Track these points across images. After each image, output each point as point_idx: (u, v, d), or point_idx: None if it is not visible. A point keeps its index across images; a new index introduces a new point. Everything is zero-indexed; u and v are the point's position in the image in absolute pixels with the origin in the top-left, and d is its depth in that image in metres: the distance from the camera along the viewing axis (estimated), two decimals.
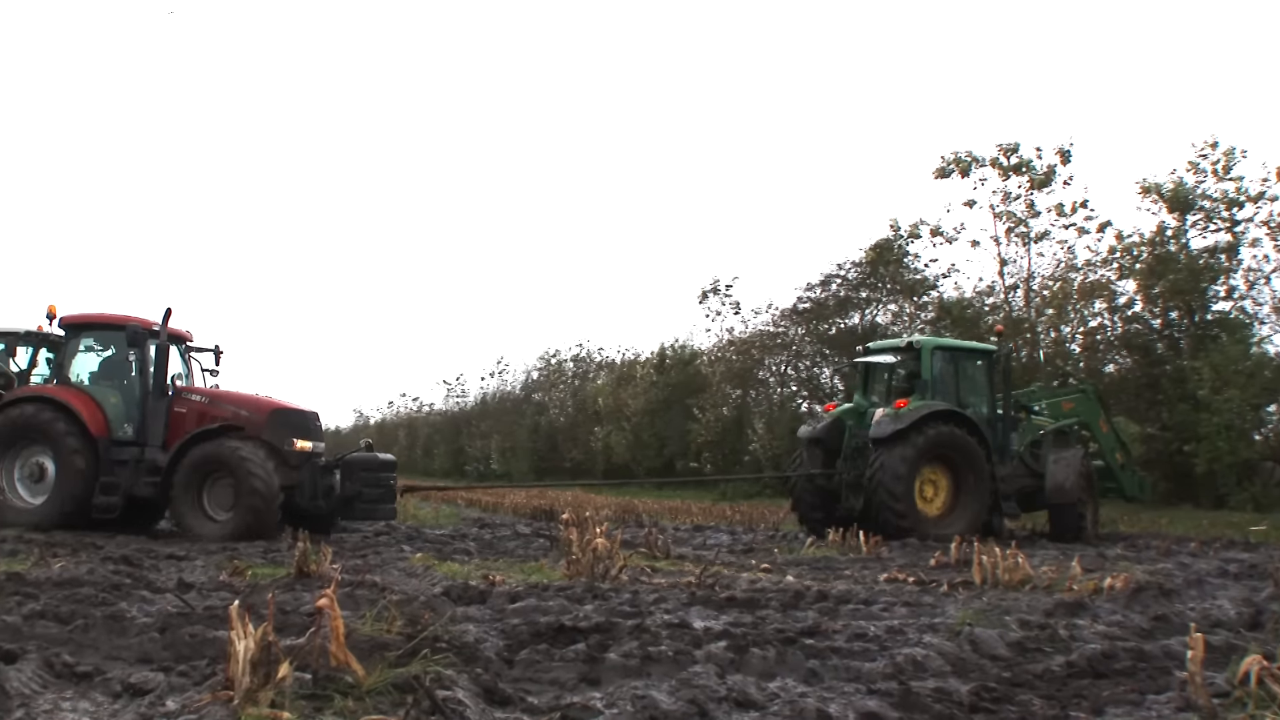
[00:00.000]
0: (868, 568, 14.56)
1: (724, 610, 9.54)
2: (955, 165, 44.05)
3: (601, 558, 12.03)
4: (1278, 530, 24.34)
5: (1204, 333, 37.84)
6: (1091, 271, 41.59)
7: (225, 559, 13.48)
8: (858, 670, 6.81)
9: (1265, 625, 8.94)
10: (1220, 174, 38.52)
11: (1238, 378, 33.55)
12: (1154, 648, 7.79)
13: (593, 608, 9.29)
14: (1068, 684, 6.78)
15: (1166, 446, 35.89)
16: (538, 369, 74.53)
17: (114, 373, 20.01)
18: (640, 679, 6.39)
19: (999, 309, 44.37)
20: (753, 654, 7.00)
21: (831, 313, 49.54)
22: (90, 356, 20.34)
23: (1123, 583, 11.45)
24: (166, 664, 6.30)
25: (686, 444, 53.44)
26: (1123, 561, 15.89)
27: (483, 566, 13.52)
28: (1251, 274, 38.36)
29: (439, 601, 9.27)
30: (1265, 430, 36.74)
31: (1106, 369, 41.36)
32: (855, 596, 10.62)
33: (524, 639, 7.58)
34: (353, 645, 5.89)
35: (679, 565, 14.53)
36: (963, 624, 8.40)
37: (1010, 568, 12.26)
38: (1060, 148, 43.02)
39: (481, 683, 5.76)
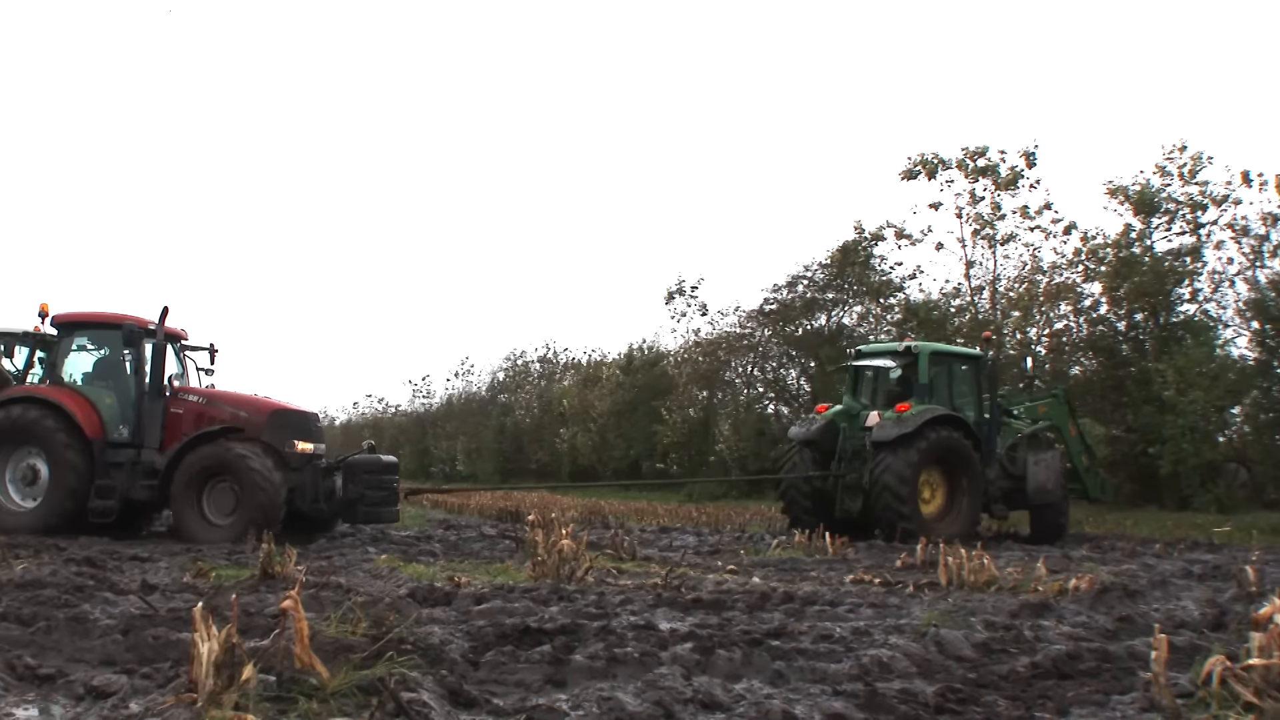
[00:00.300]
0: (834, 569, 14.60)
1: (690, 612, 9.55)
2: (922, 167, 44.11)
3: (567, 559, 12.04)
4: (1241, 531, 24.48)
5: (1169, 335, 38.01)
6: (1057, 274, 41.76)
7: (189, 560, 13.42)
8: (823, 671, 6.83)
9: (1229, 626, 9.00)
10: (1187, 177, 38.76)
11: (1202, 380, 33.71)
12: (1118, 648, 7.84)
13: (558, 609, 9.29)
14: (1033, 685, 6.81)
15: (1131, 448, 36.04)
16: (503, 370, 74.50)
17: (109, 373, 19.66)
18: (606, 681, 6.40)
19: (965, 311, 44.49)
20: (719, 655, 7.02)
21: (798, 314, 49.55)
22: (84, 356, 20.03)
23: (1088, 584, 11.52)
24: (130, 666, 6.28)
25: (653, 445, 53.42)
26: (1088, 563, 15.96)
27: (448, 568, 13.50)
28: (1216, 277, 38.63)
29: (404, 603, 9.26)
30: (1229, 432, 36.97)
31: (1072, 371, 41.52)
32: (821, 598, 10.65)
33: (489, 641, 7.58)
34: (317, 647, 5.88)
35: (645, 566, 14.55)
36: (928, 625, 8.43)
37: (976, 569, 12.32)
38: (1025, 150, 43.16)
39: (447, 685, 5.75)
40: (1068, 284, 41.00)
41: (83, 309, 19.69)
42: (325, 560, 14.01)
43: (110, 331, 19.49)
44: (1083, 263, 40.87)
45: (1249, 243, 37.66)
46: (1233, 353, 37.35)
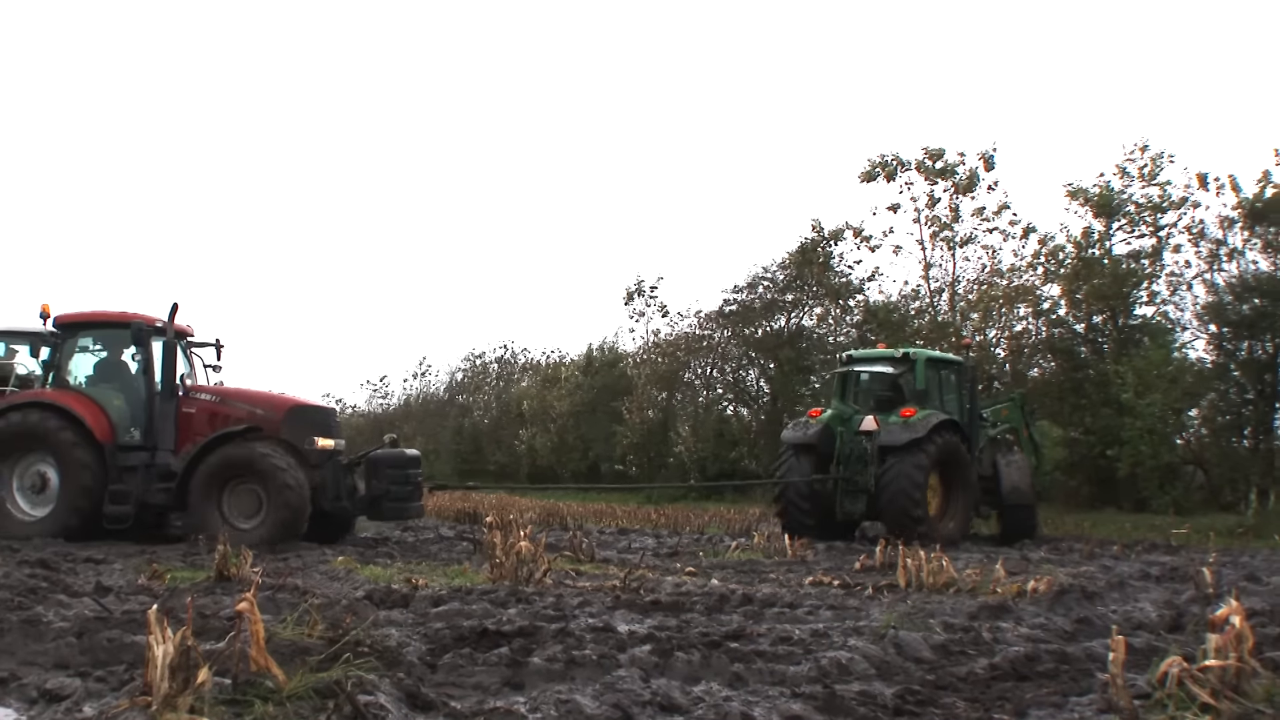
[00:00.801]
0: (793, 571, 14.64)
1: (649, 614, 9.56)
2: (881, 169, 44.19)
3: (525, 561, 12.03)
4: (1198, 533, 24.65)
5: (1127, 337, 38.25)
6: (1016, 276, 41.94)
7: (144, 562, 13.34)
8: (782, 674, 6.85)
9: (1186, 627, 9.08)
10: (1147, 178, 39.00)
11: (1160, 382, 33.91)
12: (1076, 650, 7.89)
13: (516, 611, 9.29)
14: (991, 686, 6.85)
15: (1090, 450, 36.22)
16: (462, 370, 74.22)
17: (116, 374, 19.16)
18: (564, 683, 6.40)
19: (924, 313, 44.63)
20: (677, 658, 7.03)
21: (757, 315, 49.56)
22: (89, 357, 19.49)
23: (1046, 585, 11.58)
24: (84, 669, 6.25)
25: (612, 446, 53.39)
26: (1046, 564, 16.06)
27: (405, 570, 13.47)
28: (1174, 279, 38.88)
29: (361, 605, 9.23)
30: (1187, 434, 37.22)
31: (1031, 373, 41.70)
32: (780, 600, 10.68)
33: (447, 643, 7.57)
34: (273, 650, 5.86)
35: (603, 569, 14.55)
36: (887, 627, 8.46)
37: (935, 570, 12.37)
38: (983, 153, 43.31)
39: (404, 687, 5.75)
40: (1027, 286, 41.18)
41: (83, 309, 19.15)
42: (282, 562, 13.95)
43: (117, 331, 19.01)
44: (1042, 265, 41.07)
45: (1206, 246, 37.96)
46: (1190, 355, 37.68)
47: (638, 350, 55.75)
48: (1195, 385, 35.51)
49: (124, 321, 18.80)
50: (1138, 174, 39.15)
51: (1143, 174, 39.07)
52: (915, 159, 43.99)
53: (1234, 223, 37.05)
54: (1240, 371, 36.26)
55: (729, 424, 50.86)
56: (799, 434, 24.06)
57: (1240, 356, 36.31)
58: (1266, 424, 36.02)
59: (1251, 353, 36.03)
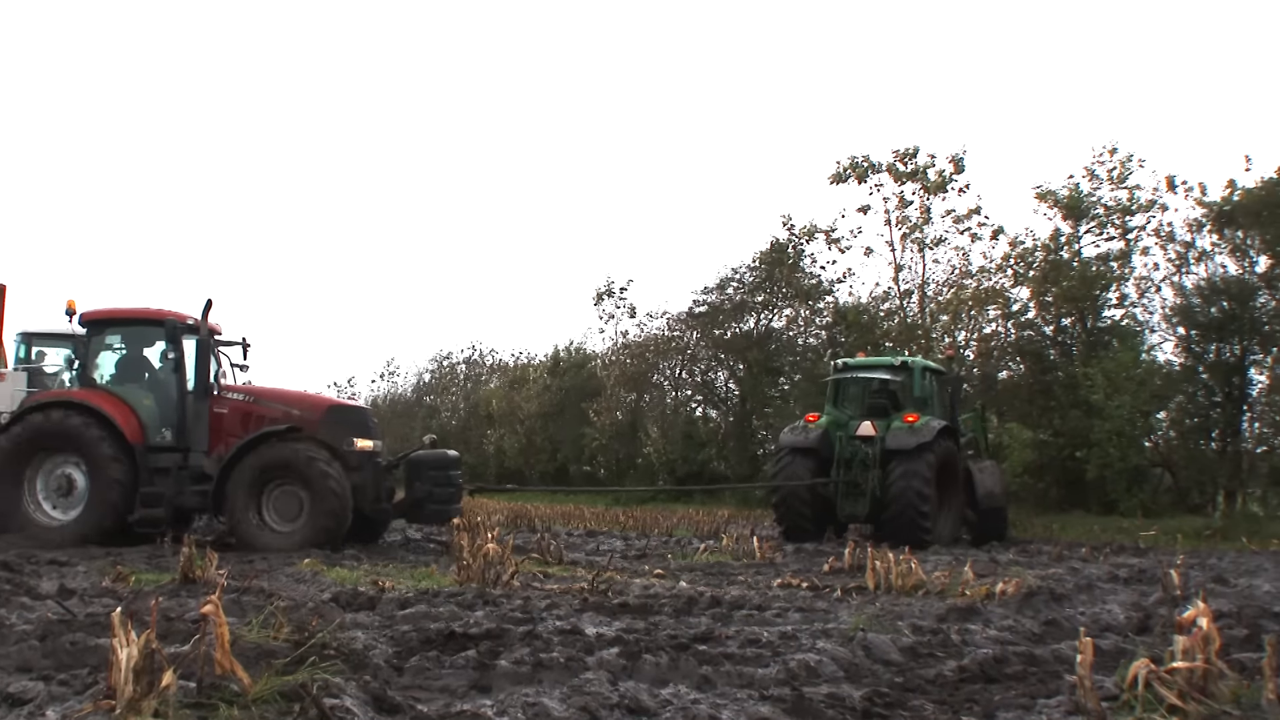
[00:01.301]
0: (761, 573, 14.65)
1: (616, 616, 9.56)
2: (852, 170, 44.18)
3: (493, 563, 12.02)
4: (1166, 535, 24.81)
5: (1096, 340, 38.42)
6: (986, 278, 42.07)
7: (108, 564, 13.27)
8: (751, 676, 6.86)
9: (1153, 629, 9.12)
10: (1116, 181, 39.19)
11: (1128, 384, 34.08)
12: (1044, 652, 7.92)
13: (484, 614, 9.28)
14: (959, 689, 6.87)
15: (1058, 452, 36.37)
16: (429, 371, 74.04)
17: (146, 373, 18.77)
18: (531, 686, 6.40)
19: (894, 315, 44.69)
20: (645, 660, 7.03)
21: (727, 317, 49.58)
22: (117, 355, 19.09)
23: (1014, 588, 11.62)
24: (47, 673, 6.20)
25: (580, 448, 53.36)
26: (1014, 566, 16.12)
27: (372, 572, 13.44)
28: (1143, 282, 39.10)
29: (327, 608, 9.20)
30: (1155, 437, 37.42)
31: (1000, 375, 41.85)
32: (749, 602, 10.70)
33: (414, 646, 7.56)
34: (238, 653, 5.84)
35: (571, 571, 14.55)
36: (856, 629, 8.48)
37: (903, 573, 12.40)
38: (954, 155, 43.37)
39: (370, 691, 5.73)
40: (996, 288, 41.31)
41: (108, 305, 18.66)
42: (247, 564, 13.89)
43: (148, 328, 18.57)
44: (1011, 267, 41.21)
45: (1175, 249, 38.18)
46: (1159, 358, 37.91)
47: (607, 351, 55.75)
48: (1163, 388, 35.75)
49: (157, 319, 18.33)
50: (1106, 177, 39.38)
51: (1111, 177, 39.30)
52: (886, 161, 44.03)
53: (1202, 226, 37.29)
54: (1208, 374, 36.48)
55: (698, 425, 50.89)
56: (799, 438, 24.42)
57: (1208, 359, 36.53)
58: (1234, 427, 36.26)
59: (1219, 355, 36.27)
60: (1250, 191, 35.37)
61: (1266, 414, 36.34)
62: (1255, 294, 35.49)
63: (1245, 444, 36.47)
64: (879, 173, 44.01)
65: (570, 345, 61.07)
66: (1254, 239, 35.91)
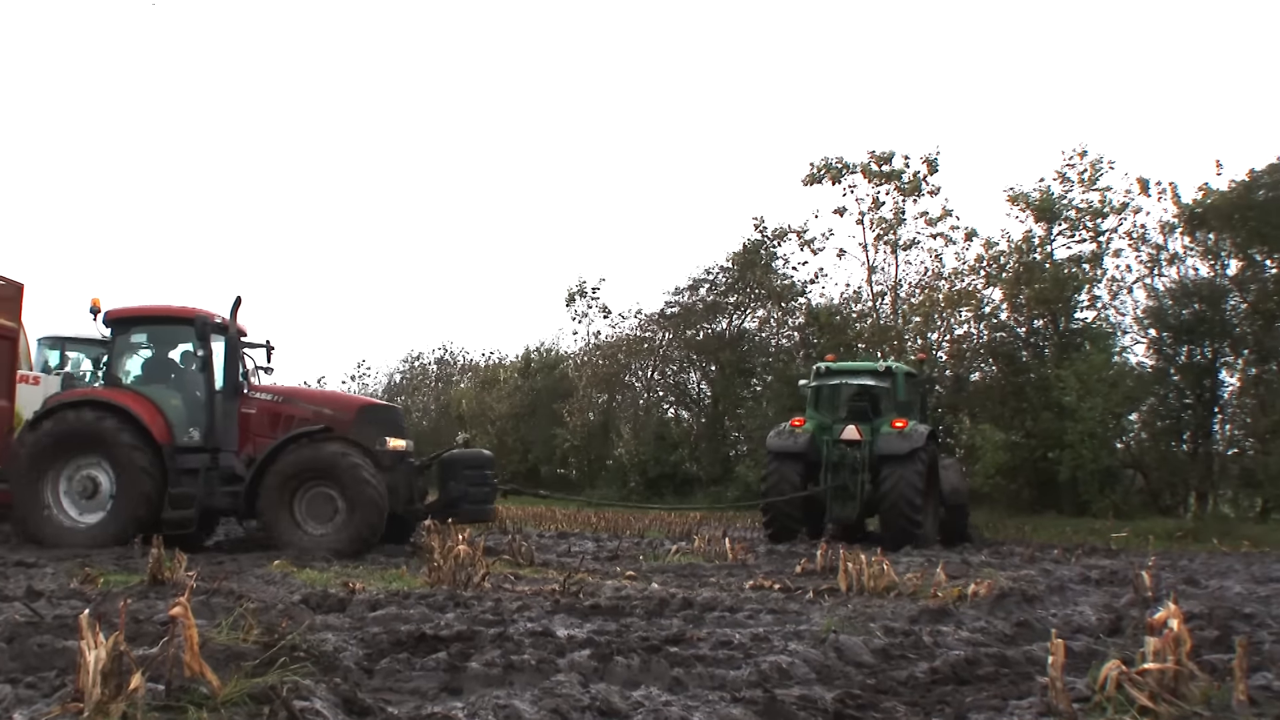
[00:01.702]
0: (733, 575, 14.66)
1: (588, 618, 9.56)
2: (826, 171, 44.18)
3: (464, 565, 11.99)
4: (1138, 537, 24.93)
5: (1068, 341, 38.57)
6: (958, 280, 42.18)
7: (76, 566, 13.20)
8: (722, 678, 6.86)
9: (1125, 630, 9.15)
10: (1087, 184, 39.36)
11: (1100, 386, 34.26)
12: (1016, 653, 7.95)
13: (454, 616, 9.26)
14: (931, 690, 6.89)
15: (1030, 454, 36.51)
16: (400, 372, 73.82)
17: (173, 371, 18.48)
18: (502, 688, 6.39)
19: (867, 316, 44.77)
20: (617, 662, 7.03)
21: (699, 318, 49.59)
22: (142, 354, 18.77)
23: (986, 589, 11.65)
24: (14, 675, 6.17)
25: (552, 449, 53.30)
26: (986, 568, 16.16)
27: (342, 573, 13.39)
28: (1114, 284, 39.31)
29: (297, 609, 9.17)
30: (1127, 438, 37.60)
31: (972, 377, 41.99)
32: (720, 604, 10.69)
33: (384, 648, 7.55)
34: (208, 655, 5.82)
35: (543, 572, 14.54)
36: (828, 631, 8.49)
37: (876, 574, 12.43)
38: (927, 156, 43.44)
39: (340, 693, 5.71)
40: (969, 290, 41.43)
41: (134, 304, 18.37)
42: (217, 565, 13.85)
43: (175, 327, 18.32)
44: (984, 269, 41.34)
45: (1147, 251, 38.40)
46: (1130, 360, 38.12)
47: (579, 352, 55.71)
48: (1135, 390, 35.94)
49: (185, 317, 18.06)
50: (1078, 179, 39.55)
51: (1083, 179, 39.47)
52: (861, 163, 44.05)
53: (1174, 228, 37.49)
54: (1180, 376, 36.72)
55: (669, 427, 50.88)
56: (787, 442, 24.66)
57: (1180, 361, 36.78)
58: (1205, 428, 36.49)
59: (1191, 358, 36.50)
60: (1222, 194, 35.57)
61: (1237, 416, 36.62)
62: (1226, 296, 35.74)
63: (1216, 446, 36.73)
64: (853, 174, 44.07)
65: (542, 346, 61.00)
66: (1225, 241, 36.15)
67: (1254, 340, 35.39)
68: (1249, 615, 10.26)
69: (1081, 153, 39.57)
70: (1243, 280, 35.78)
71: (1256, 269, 35.82)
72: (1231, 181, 35.75)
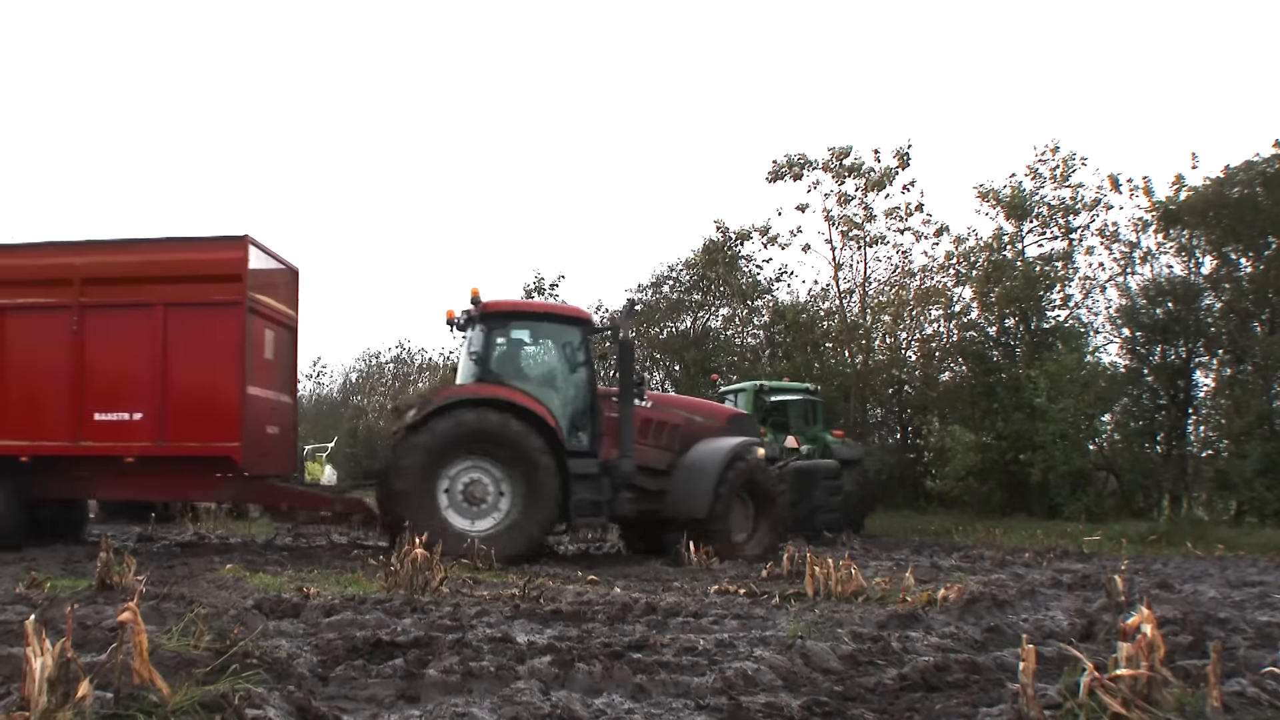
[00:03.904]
0: (698, 579, 14.66)
1: (549, 623, 9.56)
2: (788, 168, 44.04)
3: (421, 569, 11.96)
4: (1110, 540, 25.01)
5: (1040, 341, 38.71)
6: (928, 277, 42.28)
7: (22, 570, 13.13)
8: (686, 685, 6.87)
9: (1097, 636, 9.18)
10: (1059, 180, 39.50)
11: (1072, 387, 34.38)
12: (987, 659, 7.97)
13: (411, 621, 9.25)
14: (900, 697, 6.90)
15: (1001, 455, 36.61)
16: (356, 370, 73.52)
17: (555, 372, 18.69)
18: (461, 696, 6.39)
19: (834, 314, 44.80)
20: (578, 669, 7.02)
21: (663, 316, 49.53)
22: (525, 352, 19.06)
23: (956, 594, 11.66)
24: None
25: None
26: (956, 572, 16.19)
27: (296, 578, 13.36)
28: (1087, 283, 39.46)
29: (250, 615, 9.14)
30: (1099, 440, 37.73)
31: (942, 377, 42.12)
32: (685, 609, 10.69)
33: (339, 654, 7.53)
34: (157, 662, 5.81)
35: (502, 576, 14.51)
36: (794, 637, 8.50)
37: (843, 579, 12.42)
38: (899, 150, 43.22)
39: (294, 701, 5.70)
40: (938, 288, 41.53)
41: (516, 298, 18.87)
42: (167, 569, 13.79)
43: (558, 325, 18.70)
44: (953, 266, 41.46)
45: (1119, 249, 38.55)
46: (1103, 360, 38.23)
47: None
48: (1108, 390, 36.07)
49: (577, 317, 18.64)
50: (1049, 175, 39.68)
51: (1054, 175, 39.60)
52: (823, 159, 43.95)
53: (1147, 225, 37.63)
54: (1153, 376, 36.82)
55: None
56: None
57: (1153, 361, 36.87)
58: (1179, 430, 36.62)
59: (1164, 358, 36.61)
60: (1196, 191, 35.68)
61: (1212, 417, 36.74)
62: (1201, 295, 35.84)
63: (1190, 448, 36.87)
64: (814, 170, 43.92)
65: None
66: (1199, 239, 36.27)
67: (1229, 340, 35.49)
68: (1223, 620, 10.30)
69: (1054, 149, 39.76)
70: (1217, 279, 35.90)
71: (1231, 267, 35.94)
72: (1206, 178, 35.89)
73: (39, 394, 17.99)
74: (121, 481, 18.39)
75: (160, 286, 17.83)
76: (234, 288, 17.80)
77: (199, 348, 17.76)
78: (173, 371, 17.71)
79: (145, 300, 17.84)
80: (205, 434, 17.54)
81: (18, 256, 18.41)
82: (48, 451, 17.81)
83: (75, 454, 17.78)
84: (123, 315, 17.89)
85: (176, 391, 17.68)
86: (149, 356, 17.71)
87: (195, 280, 17.89)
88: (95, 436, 17.67)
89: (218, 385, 17.73)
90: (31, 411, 17.93)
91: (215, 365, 17.72)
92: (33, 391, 18.04)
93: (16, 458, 17.79)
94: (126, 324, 17.85)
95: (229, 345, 17.75)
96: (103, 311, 17.93)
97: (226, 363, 17.71)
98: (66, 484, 18.30)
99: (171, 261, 18.04)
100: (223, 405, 17.66)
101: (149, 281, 17.91)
